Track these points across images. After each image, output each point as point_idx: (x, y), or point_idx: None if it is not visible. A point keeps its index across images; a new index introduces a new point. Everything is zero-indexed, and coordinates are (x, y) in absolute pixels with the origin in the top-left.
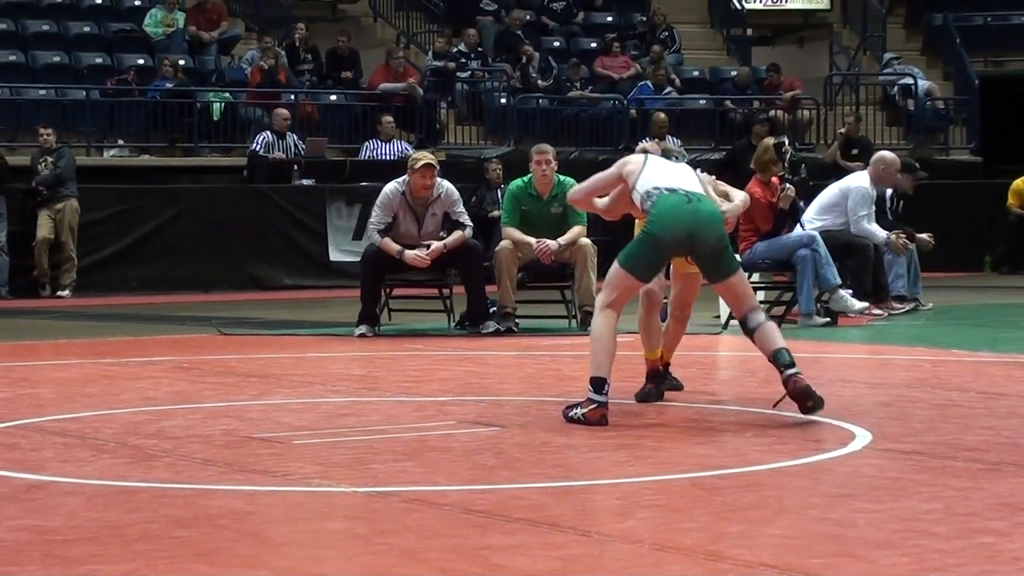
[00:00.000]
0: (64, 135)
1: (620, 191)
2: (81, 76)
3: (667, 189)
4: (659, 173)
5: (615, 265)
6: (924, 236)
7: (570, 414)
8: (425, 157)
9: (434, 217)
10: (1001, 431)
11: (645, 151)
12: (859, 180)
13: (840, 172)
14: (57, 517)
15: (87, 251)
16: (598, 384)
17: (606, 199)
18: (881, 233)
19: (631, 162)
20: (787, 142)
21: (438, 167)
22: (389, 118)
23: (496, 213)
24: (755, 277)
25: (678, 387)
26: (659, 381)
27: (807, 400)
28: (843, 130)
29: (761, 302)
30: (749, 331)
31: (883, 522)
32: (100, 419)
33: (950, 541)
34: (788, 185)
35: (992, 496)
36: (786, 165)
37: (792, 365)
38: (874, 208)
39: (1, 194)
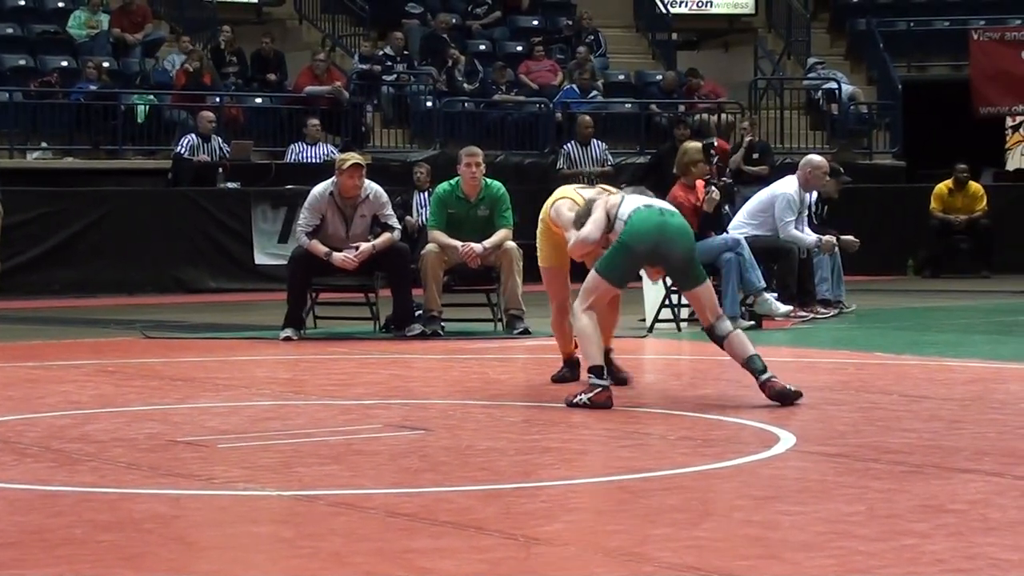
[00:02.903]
0: None
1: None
2: (4, 78)
3: (644, 205)
4: (636, 199)
5: (592, 272)
6: (849, 238)
7: (574, 400)
8: (353, 157)
9: (362, 219)
10: (923, 433)
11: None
12: (785, 186)
13: (744, 178)
14: None
15: (10, 254)
16: (598, 371)
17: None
18: (809, 238)
19: (610, 198)
20: (715, 144)
21: (365, 167)
22: (315, 121)
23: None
24: None
25: (625, 381)
26: (573, 366)
27: (786, 399)
28: (750, 137)
29: (685, 305)
30: (718, 339)
31: (807, 524)
32: (22, 423)
33: (873, 543)
34: (714, 188)
35: (915, 498)
36: (713, 168)
37: (765, 370)
38: (805, 213)
39: None
